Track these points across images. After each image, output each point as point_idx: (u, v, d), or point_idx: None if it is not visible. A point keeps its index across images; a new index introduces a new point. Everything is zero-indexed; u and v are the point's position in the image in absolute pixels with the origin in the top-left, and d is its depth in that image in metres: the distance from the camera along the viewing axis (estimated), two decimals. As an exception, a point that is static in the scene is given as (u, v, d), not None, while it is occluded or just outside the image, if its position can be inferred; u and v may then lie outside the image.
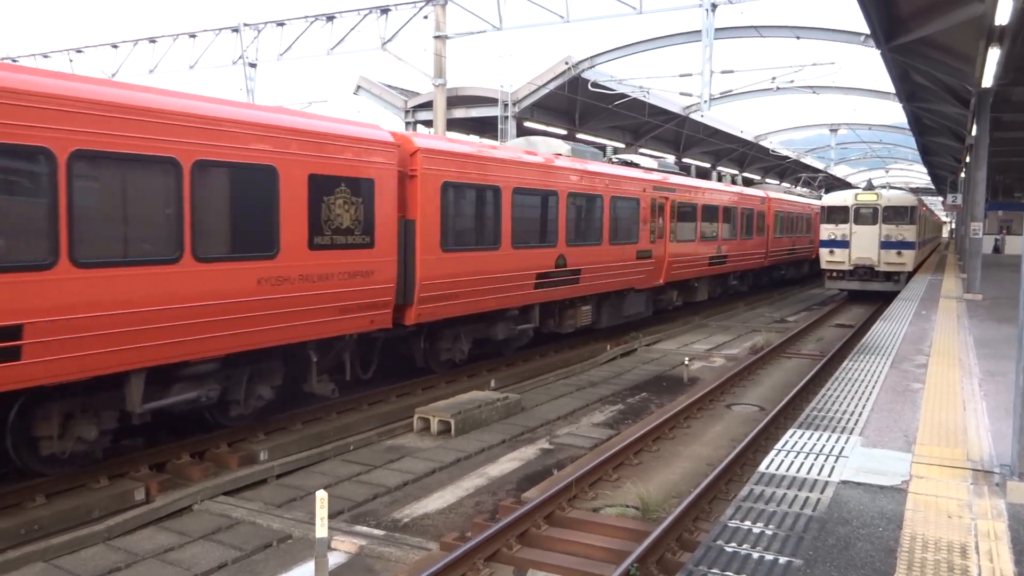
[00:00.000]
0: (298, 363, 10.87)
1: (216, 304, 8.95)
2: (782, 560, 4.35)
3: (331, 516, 7.55)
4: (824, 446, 6.52)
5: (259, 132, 9.44)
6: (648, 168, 21.45)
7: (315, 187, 10.18)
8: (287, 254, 9.81)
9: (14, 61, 31.83)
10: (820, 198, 35.85)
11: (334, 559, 7.10)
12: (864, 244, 27.22)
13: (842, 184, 62.15)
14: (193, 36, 29.65)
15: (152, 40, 30.72)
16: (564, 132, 33.02)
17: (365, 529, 7.84)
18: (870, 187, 28.69)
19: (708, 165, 46.12)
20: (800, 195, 41.21)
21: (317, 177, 10.20)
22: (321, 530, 6.25)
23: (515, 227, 14.44)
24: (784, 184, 59.72)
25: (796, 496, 5.37)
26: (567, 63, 26.82)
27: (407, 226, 12.07)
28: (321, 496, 6.33)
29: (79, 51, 32.88)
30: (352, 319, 10.94)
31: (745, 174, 45.68)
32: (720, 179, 29.22)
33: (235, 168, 9.17)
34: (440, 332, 13.68)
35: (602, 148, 22.15)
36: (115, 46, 31.69)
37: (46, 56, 33.57)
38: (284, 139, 9.75)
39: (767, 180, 59.76)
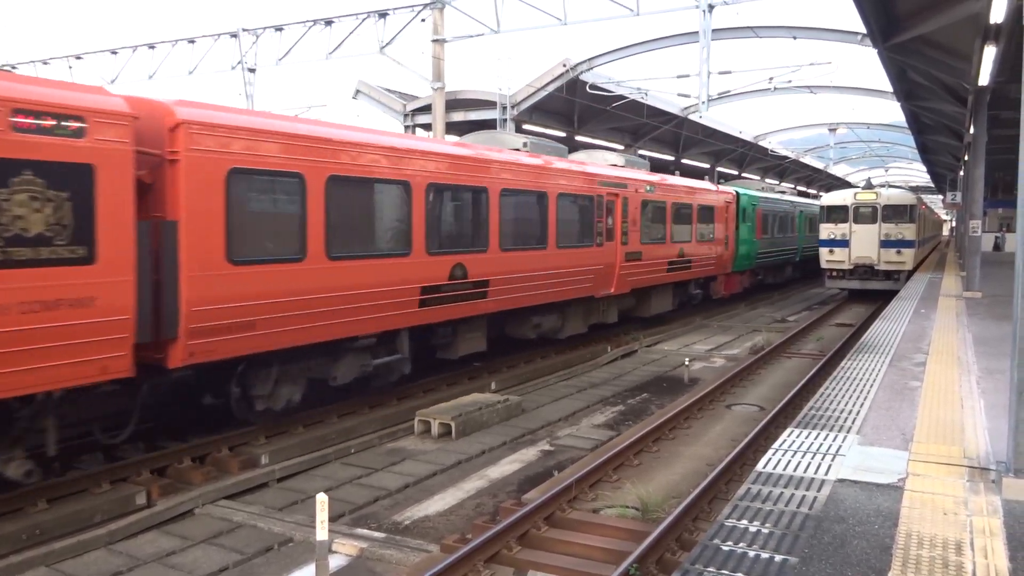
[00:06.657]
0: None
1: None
2: (778, 558, 4.38)
3: (332, 519, 7.58)
4: (822, 445, 6.55)
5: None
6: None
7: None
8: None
9: (13, 68, 31.84)
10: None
11: (335, 562, 7.13)
12: (864, 243, 27.24)
13: (842, 183, 62.15)
14: (192, 42, 29.69)
15: (151, 46, 30.74)
16: (563, 134, 33.04)
17: (366, 532, 7.87)
18: (869, 186, 28.73)
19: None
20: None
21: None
22: (322, 533, 6.28)
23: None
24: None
25: (793, 495, 5.40)
26: (565, 65, 26.85)
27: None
28: (322, 499, 6.36)
29: (78, 57, 32.91)
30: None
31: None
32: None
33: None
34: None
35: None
36: (114, 52, 31.69)
37: (46, 63, 33.57)
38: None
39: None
